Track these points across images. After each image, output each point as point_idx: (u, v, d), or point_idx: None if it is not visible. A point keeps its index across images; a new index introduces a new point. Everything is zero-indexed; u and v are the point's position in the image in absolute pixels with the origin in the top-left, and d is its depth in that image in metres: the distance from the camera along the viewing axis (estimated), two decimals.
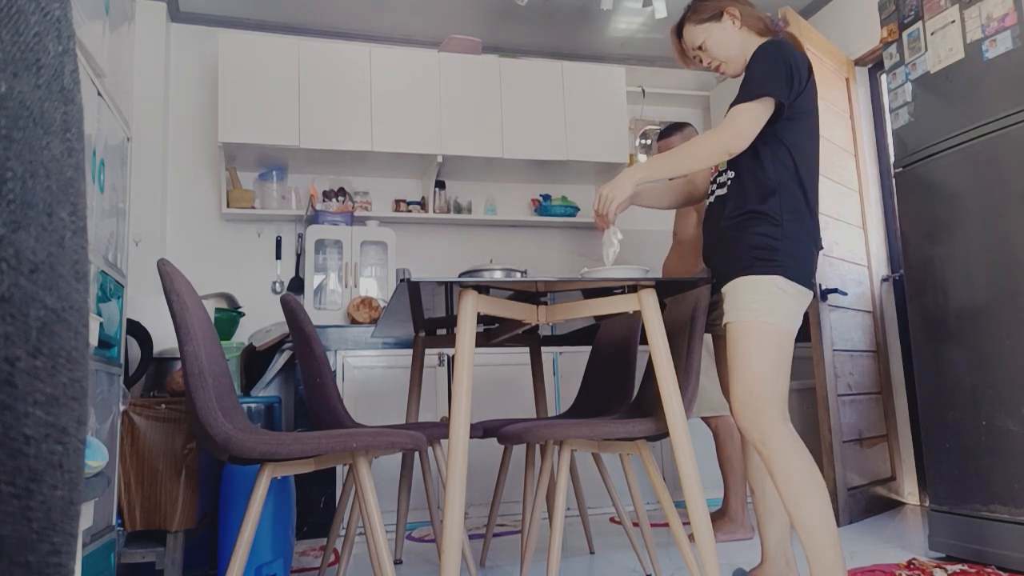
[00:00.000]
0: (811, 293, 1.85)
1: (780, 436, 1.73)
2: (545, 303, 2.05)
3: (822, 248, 1.94)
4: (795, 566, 2.07)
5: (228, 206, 3.98)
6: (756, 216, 1.84)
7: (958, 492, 2.38)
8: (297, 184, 4.21)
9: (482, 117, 4.18)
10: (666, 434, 1.92)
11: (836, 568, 1.70)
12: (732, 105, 1.86)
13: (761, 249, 1.81)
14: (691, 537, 2.20)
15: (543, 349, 3.48)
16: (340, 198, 4.18)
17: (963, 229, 2.41)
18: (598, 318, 3.34)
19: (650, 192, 2.18)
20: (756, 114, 1.80)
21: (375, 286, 4.03)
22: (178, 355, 2.30)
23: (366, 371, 3.53)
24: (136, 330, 2.49)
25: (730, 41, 1.98)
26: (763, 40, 1.93)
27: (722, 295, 1.90)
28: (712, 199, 1.99)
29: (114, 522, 2.00)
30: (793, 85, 1.82)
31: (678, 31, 2.07)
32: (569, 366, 3.77)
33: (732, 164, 1.93)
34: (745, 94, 1.82)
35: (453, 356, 2.00)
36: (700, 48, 2.02)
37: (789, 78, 1.81)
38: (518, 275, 1.97)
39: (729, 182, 1.93)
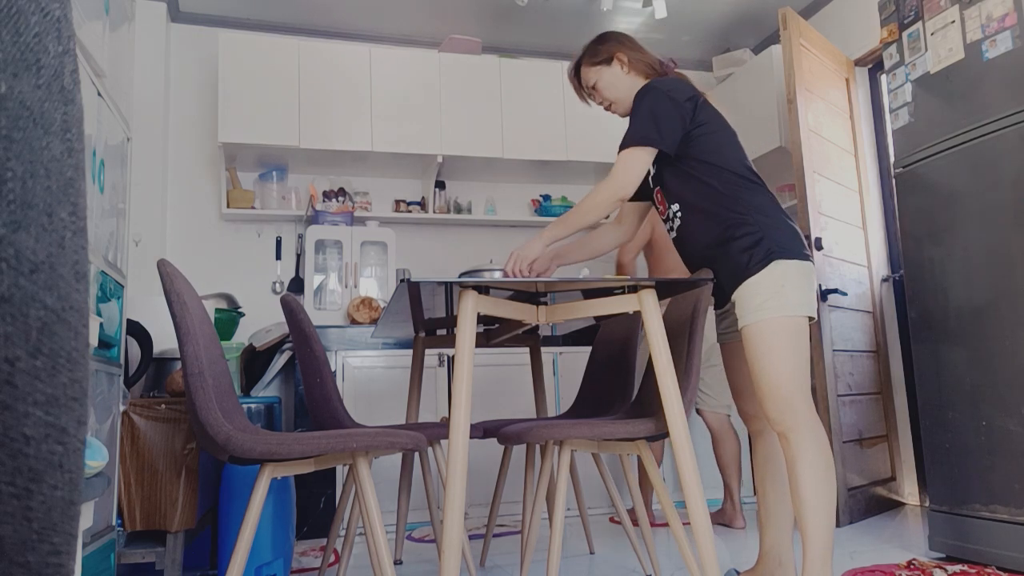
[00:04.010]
0: (812, 264, 1.94)
1: (808, 425, 1.83)
2: (545, 303, 2.05)
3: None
4: (792, 569, 2.06)
5: (228, 206, 3.98)
6: (731, 226, 1.94)
7: (958, 492, 2.38)
8: (297, 184, 4.21)
9: (482, 117, 4.18)
10: (666, 434, 1.92)
11: (827, 552, 1.79)
12: (620, 147, 1.99)
13: (750, 248, 1.90)
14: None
15: (543, 349, 3.48)
16: (340, 198, 4.18)
17: (963, 229, 2.41)
18: (598, 318, 3.35)
19: (567, 250, 2.28)
20: (637, 160, 1.94)
21: (375, 286, 4.03)
22: (178, 355, 2.30)
23: (366, 371, 3.53)
24: (136, 330, 2.49)
25: (618, 84, 2.13)
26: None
27: (732, 304, 1.98)
28: (675, 234, 2.10)
29: (114, 522, 2.00)
30: (666, 125, 1.94)
31: (575, 70, 2.22)
32: (569, 366, 3.77)
33: (673, 198, 2.05)
34: (626, 140, 1.97)
35: (453, 356, 2.00)
36: (593, 88, 2.18)
37: (669, 119, 1.94)
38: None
39: (680, 214, 2.04)
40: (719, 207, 1.96)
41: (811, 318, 1.92)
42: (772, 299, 1.85)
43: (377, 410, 3.48)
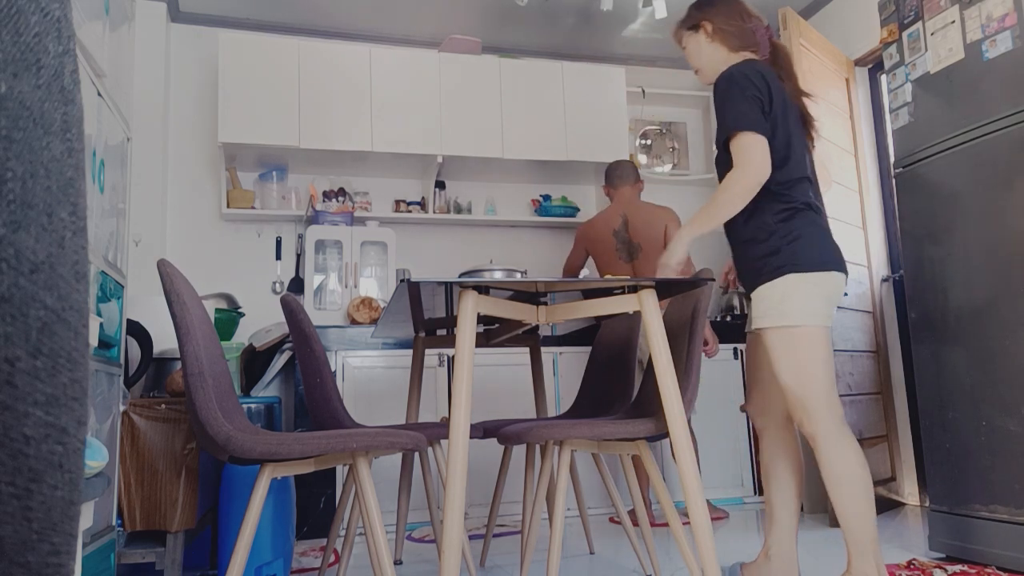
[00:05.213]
0: (838, 273, 1.94)
1: (826, 433, 1.88)
2: (545, 303, 2.05)
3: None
4: (795, 565, 2.08)
5: (228, 206, 3.98)
6: (756, 228, 1.98)
7: (958, 492, 2.38)
8: (297, 184, 4.21)
9: (482, 117, 4.18)
10: (666, 434, 1.92)
11: (867, 547, 1.83)
12: (717, 141, 2.02)
13: (765, 256, 1.95)
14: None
15: (543, 349, 3.48)
16: (340, 198, 4.18)
17: (963, 229, 2.41)
18: (598, 318, 3.35)
19: None
20: (758, 143, 1.91)
21: (375, 286, 4.03)
22: (178, 355, 2.30)
23: (366, 371, 3.53)
24: (136, 330, 2.49)
25: (701, 52, 2.15)
26: (735, 56, 2.09)
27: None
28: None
29: (114, 522, 2.00)
30: (759, 108, 1.93)
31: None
32: (569, 366, 3.77)
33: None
34: (726, 131, 1.96)
35: (453, 356, 2.00)
36: (684, 50, 2.22)
37: (754, 102, 1.93)
38: (518, 275, 1.98)
39: None
40: (750, 207, 1.96)
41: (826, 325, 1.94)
42: (772, 310, 1.92)
43: (377, 410, 3.47)
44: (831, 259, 1.93)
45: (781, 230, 1.93)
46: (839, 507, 1.86)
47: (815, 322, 1.90)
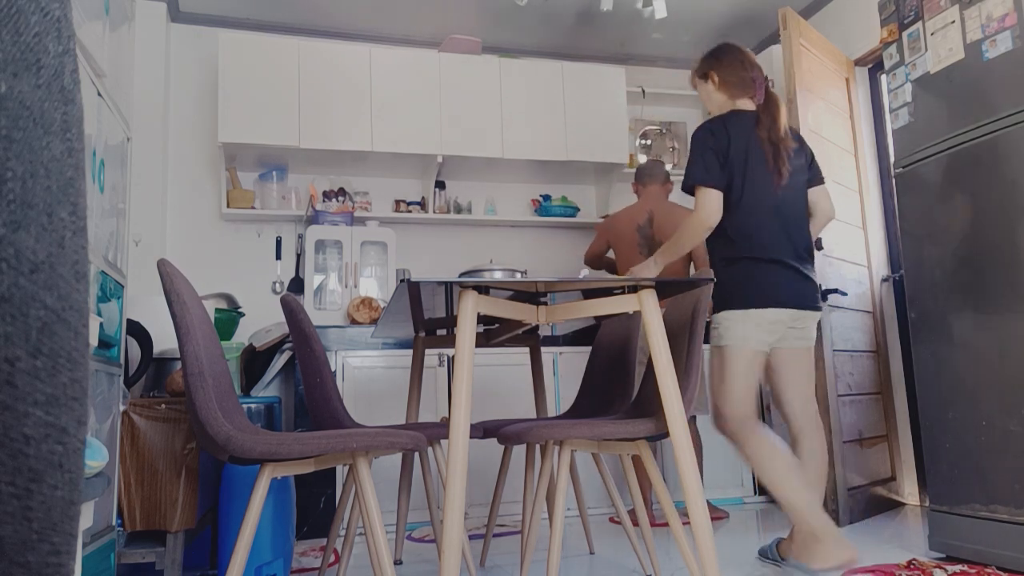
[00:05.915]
0: (775, 309, 2.24)
1: (736, 429, 2.24)
2: (545, 303, 2.05)
3: (801, 262, 2.30)
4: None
5: (228, 206, 3.98)
6: (713, 262, 2.35)
7: (958, 492, 2.38)
8: (297, 184, 4.21)
9: (482, 117, 4.18)
10: (666, 434, 1.92)
11: (805, 517, 2.13)
12: (685, 184, 2.37)
13: (717, 289, 2.30)
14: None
15: (543, 349, 3.48)
16: (340, 198, 4.18)
17: (963, 229, 2.41)
18: (598, 318, 3.35)
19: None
20: (708, 196, 2.25)
21: (375, 286, 4.03)
22: (178, 355, 2.30)
23: (366, 371, 3.53)
24: (136, 330, 2.49)
25: (709, 98, 2.46)
26: (731, 104, 2.39)
27: None
28: None
29: (114, 522, 2.00)
30: (717, 162, 2.25)
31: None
32: (569, 366, 3.77)
33: None
34: (688, 180, 2.31)
35: (453, 356, 2.00)
36: (697, 92, 2.53)
37: (712, 157, 2.25)
38: (518, 275, 1.98)
39: None
40: (710, 250, 2.37)
41: (763, 350, 2.27)
42: (714, 334, 2.31)
43: (377, 410, 3.47)
44: (766, 298, 2.23)
45: (723, 274, 2.29)
46: (768, 484, 2.15)
47: (743, 345, 2.24)
